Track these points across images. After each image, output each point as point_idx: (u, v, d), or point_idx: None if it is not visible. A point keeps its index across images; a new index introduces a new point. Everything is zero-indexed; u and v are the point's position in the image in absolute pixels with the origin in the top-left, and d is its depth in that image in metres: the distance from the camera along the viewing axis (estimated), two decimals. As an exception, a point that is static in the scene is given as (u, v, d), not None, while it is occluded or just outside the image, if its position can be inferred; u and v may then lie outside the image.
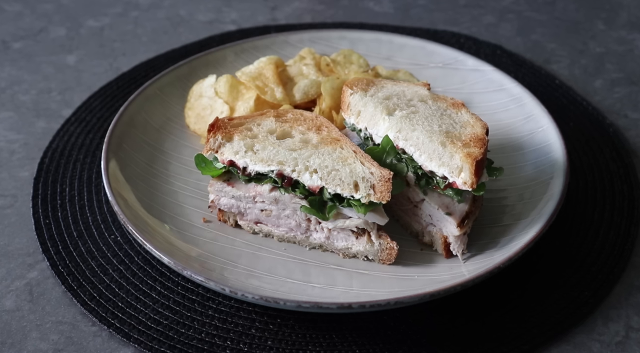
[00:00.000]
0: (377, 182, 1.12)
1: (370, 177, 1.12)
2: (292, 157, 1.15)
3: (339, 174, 1.13)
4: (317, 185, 1.15)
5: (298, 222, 1.19)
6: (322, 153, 1.15)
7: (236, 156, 1.17)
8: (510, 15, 1.83)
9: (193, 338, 1.10)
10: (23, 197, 1.33)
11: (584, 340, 1.12)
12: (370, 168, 1.12)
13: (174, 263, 1.11)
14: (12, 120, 1.50)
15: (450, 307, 1.13)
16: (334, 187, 1.14)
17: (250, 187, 1.19)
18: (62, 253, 1.22)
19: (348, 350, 1.09)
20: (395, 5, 1.85)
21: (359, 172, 1.12)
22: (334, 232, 1.18)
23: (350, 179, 1.13)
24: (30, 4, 1.83)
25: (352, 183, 1.13)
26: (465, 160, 1.12)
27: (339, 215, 1.16)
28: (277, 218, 1.19)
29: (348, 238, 1.17)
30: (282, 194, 1.17)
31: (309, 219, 1.18)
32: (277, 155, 1.16)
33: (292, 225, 1.19)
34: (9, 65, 1.64)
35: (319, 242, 1.19)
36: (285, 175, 1.16)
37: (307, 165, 1.15)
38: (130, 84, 1.56)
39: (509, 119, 1.40)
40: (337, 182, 1.13)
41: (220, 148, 1.18)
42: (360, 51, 1.50)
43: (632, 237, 1.26)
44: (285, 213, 1.18)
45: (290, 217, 1.19)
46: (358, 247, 1.17)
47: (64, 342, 1.11)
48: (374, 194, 1.12)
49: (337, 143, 1.17)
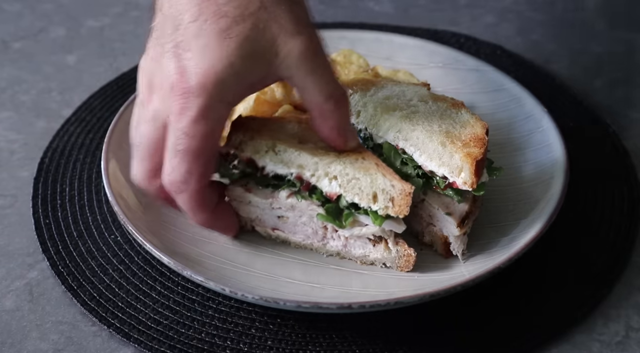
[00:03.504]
0: (397, 195, 1.10)
1: (390, 189, 1.10)
2: (313, 162, 1.13)
3: (359, 183, 1.11)
4: (335, 192, 1.13)
5: (315, 230, 1.17)
6: (344, 161, 1.13)
7: (256, 155, 1.15)
8: (510, 15, 1.83)
9: (193, 338, 1.10)
10: (23, 197, 1.33)
11: (584, 340, 1.12)
12: (392, 181, 1.10)
13: (174, 263, 1.11)
14: (12, 120, 1.50)
15: (451, 307, 1.13)
16: (352, 196, 1.12)
17: (267, 193, 1.17)
18: (62, 253, 1.22)
19: (348, 350, 1.10)
20: (395, 5, 1.85)
21: (379, 183, 1.11)
22: (351, 240, 1.16)
23: (369, 189, 1.11)
24: (30, 4, 1.83)
25: (371, 194, 1.11)
26: (465, 160, 1.12)
27: (355, 223, 1.15)
28: (294, 225, 1.18)
29: (365, 246, 1.16)
30: (298, 201, 1.15)
31: (326, 227, 1.17)
32: (298, 158, 1.14)
33: (308, 233, 1.18)
34: (9, 65, 1.64)
35: (336, 250, 1.18)
36: (303, 179, 1.14)
37: (327, 171, 1.13)
38: (130, 84, 1.56)
39: (509, 119, 1.40)
40: (356, 191, 1.12)
41: (241, 145, 1.16)
42: (360, 51, 1.50)
43: (632, 237, 1.26)
44: (302, 221, 1.17)
45: (307, 224, 1.17)
46: (375, 254, 1.16)
47: (64, 342, 1.11)
48: (392, 207, 1.11)
49: (360, 154, 1.15)
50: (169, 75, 1.04)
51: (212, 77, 1.02)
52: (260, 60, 1.04)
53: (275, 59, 1.05)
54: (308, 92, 1.08)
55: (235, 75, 1.03)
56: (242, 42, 1.03)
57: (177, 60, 1.03)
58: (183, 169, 1.05)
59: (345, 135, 1.13)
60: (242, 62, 1.03)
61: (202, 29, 1.03)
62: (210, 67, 1.02)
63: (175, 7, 1.06)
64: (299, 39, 1.05)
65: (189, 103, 1.02)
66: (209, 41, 1.03)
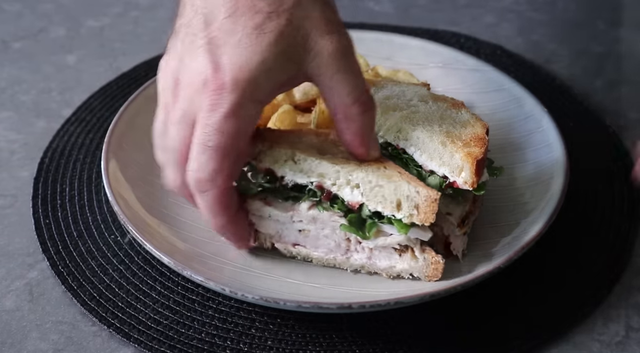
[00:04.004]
0: (421, 202, 1.07)
1: (415, 196, 1.07)
2: (334, 170, 1.10)
3: (382, 190, 1.08)
4: (357, 201, 1.09)
5: (337, 242, 1.13)
6: (366, 169, 1.09)
7: (275, 165, 1.12)
8: (510, 15, 1.83)
9: (193, 338, 1.10)
10: (23, 197, 1.33)
11: (584, 340, 1.12)
12: (417, 187, 1.07)
13: (174, 263, 1.11)
14: (12, 120, 1.50)
15: (451, 307, 1.13)
16: (375, 204, 1.09)
17: (288, 206, 1.14)
18: (62, 253, 1.22)
19: (348, 350, 1.10)
20: (395, 5, 1.85)
21: (404, 190, 1.07)
22: (376, 251, 1.13)
23: (393, 197, 1.08)
24: (30, 4, 1.83)
25: (395, 202, 1.08)
26: (466, 160, 1.12)
27: (379, 233, 1.11)
28: (316, 239, 1.14)
29: (391, 257, 1.12)
30: (320, 212, 1.12)
31: (349, 239, 1.13)
32: (318, 167, 1.10)
33: (331, 246, 1.14)
34: (9, 65, 1.64)
35: (360, 263, 1.14)
36: (324, 188, 1.10)
37: (349, 179, 1.09)
38: (130, 84, 1.56)
39: (509, 118, 1.40)
40: (380, 199, 1.08)
41: (260, 155, 1.13)
42: (360, 51, 1.49)
43: (632, 237, 1.26)
44: (324, 233, 1.13)
45: (329, 236, 1.13)
46: (402, 265, 1.12)
47: (64, 342, 1.11)
48: (417, 215, 1.07)
49: (381, 163, 1.12)
50: (202, 71, 1.03)
51: (246, 74, 1.01)
52: (292, 57, 1.04)
53: (307, 57, 1.04)
54: (335, 92, 1.06)
55: (267, 71, 1.02)
56: (276, 38, 1.02)
57: (210, 56, 1.02)
58: (211, 167, 1.02)
59: (368, 143, 1.10)
60: (275, 58, 1.02)
61: (237, 24, 1.02)
62: (245, 64, 1.01)
63: (210, 2, 1.05)
64: (331, 38, 1.05)
65: (222, 99, 1.01)
66: (244, 37, 1.02)
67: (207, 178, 1.03)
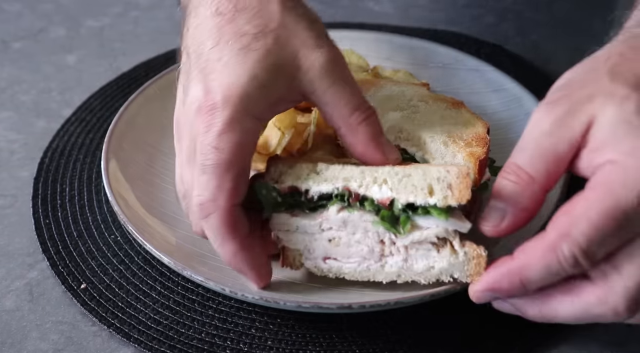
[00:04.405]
0: (454, 179, 1.01)
1: (446, 175, 1.02)
2: (359, 171, 1.05)
3: (411, 179, 1.03)
4: (387, 196, 1.04)
5: (371, 247, 1.07)
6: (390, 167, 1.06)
7: (298, 181, 1.07)
8: (510, 15, 1.83)
9: (193, 338, 1.10)
10: (23, 197, 1.33)
11: (584, 340, 1.12)
12: (445, 167, 1.02)
13: (174, 263, 1.11)
14: (12, 120, 1.50)
15: (451, 307, 1.13)
16: (406, 196, 1.03)
17: (316, 215, 1.08)
18: (62, 253, 1.22)
19: (348, 350, 1.10)
20: (395, 5, 1.85)
21: (433, 173, 1.02)
22: (412, 251, 1.06)
23: (424, 183, 1.02)
24: (30, 4, 1.83)
25: (426, 188, 1.02)
26: (469, 160, 1.12)
27: (414, 228, 1.05)
28: (347, 247, 1.07)
29: (428, 255, 1.05)
30: (350, 214, 1.06)
31: (382, 241, 1.06)
32: (342, 172, 1.06)
33: (364, 253, 1.07)
34: (9, 65, 1.64)
35: (396, 269, 1.07)
36: (351, 192, 1.05)
37: (375, 177, 1.04)
38: (130, 84, 1.56)
39: (509, 118, 1.40)
40: (410, 189, 1.02)
41: (281, 176, 1.08)
42: (360, 51, 1.50)
43: (632, 237, 1.25)
44: (355, 239, 1.07)
45: (362, 241, 1.07)
46: (441, 263, 1.05)
47: (64, 342, 1.11)
48: (451, 195, 1.01)
49: (403, 163, 1.10)
50: (194, 100, 1.02)
51: (236, 90, 1.00)
52: (283, 73, 1.03)
53: (298, 73, 1.04)
54: (332, 106, 1.05)
55: (260, 88, 1.01)
56: (265, 54, 1.02)
57: (202, 84, 1.02)
58: (212, 185, 0.98)
59: (382, 147, 1.07)
60: (266, 74, 1.02)
61: (224, 50, 1.03)
62: (234, 81, 1.00)
63: (198, 39, 1.06)
64: (320, 51, 1.05)
65: (215, 118, 0.99)
66: (231, 58, 1.02)
67: (209, 198, 0.99)
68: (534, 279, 0.94)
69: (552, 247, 0.92)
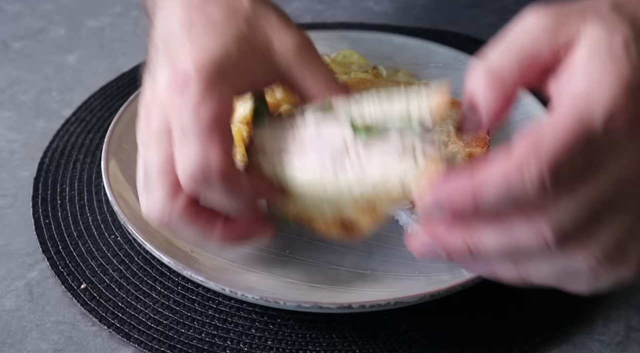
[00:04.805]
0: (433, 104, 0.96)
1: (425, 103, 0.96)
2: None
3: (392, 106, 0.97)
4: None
5: (331, 145, 0.98)
6: None
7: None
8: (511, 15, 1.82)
9: (193, 338, 1.10)
10: (23, 197, 1.33)
11: (584, 340, 1.12)
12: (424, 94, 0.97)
13: (174, 263, 1.11)
14: (12, 120, 1.50)
15: (451, 307, 1.13)
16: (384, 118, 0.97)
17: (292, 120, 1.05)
18: (62, 253, 1.22)
19: (348, 350, 1.10)
20: (395, 5, 1.85)
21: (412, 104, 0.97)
22: (373, 156, 0.96)
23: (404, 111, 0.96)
24: (30, 4, 1.83)
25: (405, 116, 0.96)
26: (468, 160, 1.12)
27: (381, 134, 0.96)
28: (307, 142, 1.00)
29: (387, 162, 0.95)
30: (323, 115, 1.02)
31: (345, 143, 0.97)
32: None
33: (323, 149, 0.98)
34: (9, 65, 1.64)
35: (351, 177, 0.96)
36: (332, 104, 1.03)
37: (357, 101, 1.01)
38: (130, 83, 1.56)
39: (509, 118, 1.40)
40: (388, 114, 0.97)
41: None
42: (360, 51, 1.50)
43: (632, 237, 1.25)
44: (318, 135, 1.00)
45: (324, 140, 0.99)
46: (397, 171, 0.94)
47: (64, 342, 1.11)
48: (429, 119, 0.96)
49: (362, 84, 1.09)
50: (164, 79, 0.99)
51: (209, 59, 0.98)
52: (256, 53, 1.03)
53: (271, 53, 1.04)
54: (308, 80, 1.06)
55: (230, 56, 1.00)
56: (236, 34, 1.02)
57: (170, 66, 1.00)
58: (199, 150, 0.94)
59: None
60: (239, 52, 1.01)
61: (192, 30, 1.02)
62: (207, 55, 0.99)
63: (166, 30, 1.05)
64: (291, 32, 1.06)
65: (189, 87, 0.96)
66: (199, 33, 1.01)
67: (200, 163, 0.94)
68: (488, 199, 0.80)
69: (518, 165, 0.80)
